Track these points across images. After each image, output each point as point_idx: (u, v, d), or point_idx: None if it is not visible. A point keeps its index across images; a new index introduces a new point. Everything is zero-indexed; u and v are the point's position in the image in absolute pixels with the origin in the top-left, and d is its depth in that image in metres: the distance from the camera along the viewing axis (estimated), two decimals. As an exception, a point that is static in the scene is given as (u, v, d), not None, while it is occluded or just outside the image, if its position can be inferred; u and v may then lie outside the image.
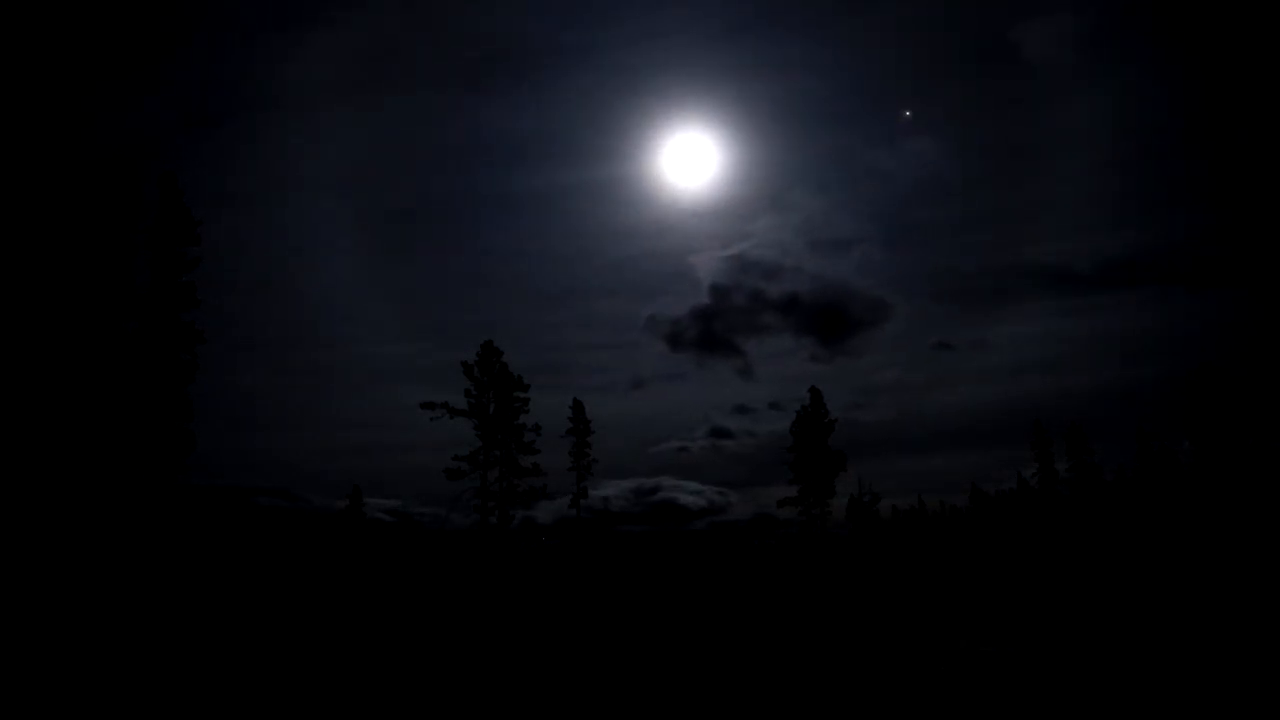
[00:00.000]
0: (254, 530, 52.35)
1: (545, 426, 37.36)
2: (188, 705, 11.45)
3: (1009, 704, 11.12)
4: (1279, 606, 20.53)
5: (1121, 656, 14.50)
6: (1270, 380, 46.38)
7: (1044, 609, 23.84)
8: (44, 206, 24.08)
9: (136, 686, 12.44)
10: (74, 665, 13.87)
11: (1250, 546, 34.54)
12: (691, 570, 52.26)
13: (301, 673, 14.08)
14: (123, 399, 23.87)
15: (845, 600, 30.66)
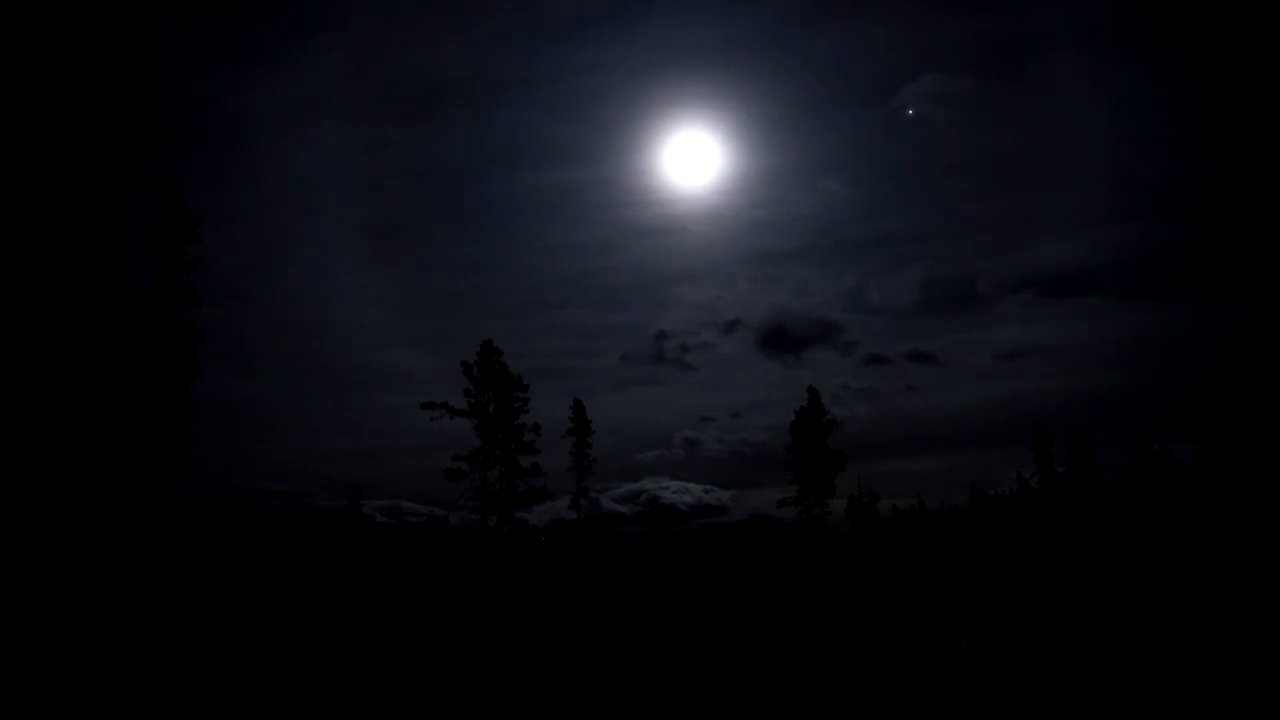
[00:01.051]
0: (254, 530, 52.29)
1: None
2: (188, 704, 11.43)
3: (1010, 704, 11.11)
4: (1278, 606, 20.52)
5: (1121, 657, 14.49)
6: (1270, 381, 46.36)
7: (1044, 609, 23.83)
8: (43, 208, 24.05)
9: (137, 685, 12.41)
10: (74, 664, 13.84)
11: (1250, 547, 34.53)
12: (693, 570, 52.25)
13: (301, 672, 14.06)
14: (123, 399, 23.83)
15: (846, 599, 30.63)
